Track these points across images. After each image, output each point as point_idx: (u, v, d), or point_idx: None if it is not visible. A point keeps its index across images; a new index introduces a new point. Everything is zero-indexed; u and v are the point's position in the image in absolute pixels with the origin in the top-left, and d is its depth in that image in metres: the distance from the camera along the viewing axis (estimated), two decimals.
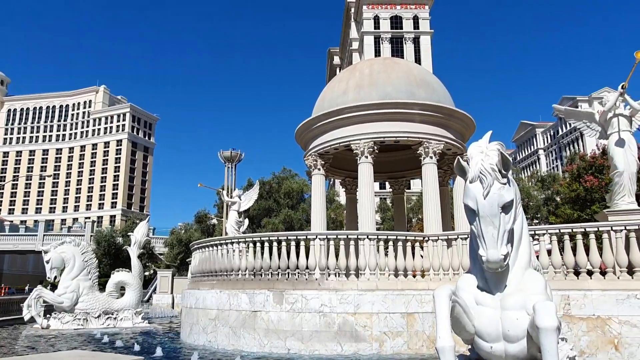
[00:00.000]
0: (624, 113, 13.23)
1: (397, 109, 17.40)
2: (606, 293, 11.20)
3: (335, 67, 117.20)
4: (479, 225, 5.58)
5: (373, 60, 22.29)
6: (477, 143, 5.94)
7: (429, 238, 14.05)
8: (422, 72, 19.92)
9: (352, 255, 13.69)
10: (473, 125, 18.99)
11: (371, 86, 18.13)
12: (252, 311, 13.66)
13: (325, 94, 19.92)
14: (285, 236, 14.33)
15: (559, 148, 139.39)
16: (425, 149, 17.58)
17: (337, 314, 12.97)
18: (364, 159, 17.70)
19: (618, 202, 13.22)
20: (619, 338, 10.98)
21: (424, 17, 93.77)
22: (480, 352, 6.00)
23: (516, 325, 5.53)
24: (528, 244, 6.08)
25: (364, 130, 17.73)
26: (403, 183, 24.72)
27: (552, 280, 11.77)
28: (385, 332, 12.87)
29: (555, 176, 48.20)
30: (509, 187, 5.60)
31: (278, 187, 52.36)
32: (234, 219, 24.50)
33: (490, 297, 5.87)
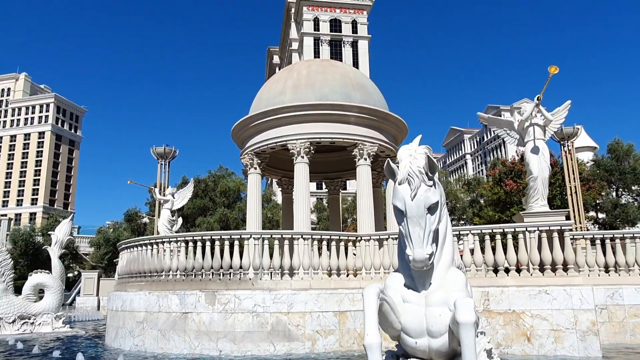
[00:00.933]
0: (539, 123, 14.34)
1: (333, 111, 17.67)
2: (521, 289, 12.08)
3: (275, 66, 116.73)
4: (407, 226, 5.77)
5: (311, 61, 22.48)
6: (406, 146, 6.15)
7: (362, 238, 14.38)
8: (358, 76, 20.36)
9: (286, 255, 13.72)
10: (406, 129, 19.69)
11: (308, 87, 18.27)
12: (182, 313, 13.27)
13: (263, 93, 19.79)
14: (219, 235, 14.07)
15: (484, 153, 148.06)
16: (360, 150, 17.99)
17: (270, 314, 12.93)
18: (300, 159, 17.79)
19: (532, 205, 14.30)
20: (531, 330, 11.87)
21: (362, 22, 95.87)
22: (406, 348, 6.18)
23: (439, 321, 5.72)
24: (451, 244, 6.36)
25: (300, 131, 17.82)
26: (338, 184, 25.10)
27: (474, 277, 12.49)
28: (318, 330, 13.01)
29: (480, 180, 51.18)
30: (434, 190, 5.83)
31: (214, 185, 51.25)
32: (167, 217, 23.72)
33: (416, 294, 6.05)
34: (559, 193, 31.77)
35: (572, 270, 12.20)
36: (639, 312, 13.15)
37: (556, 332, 11.72)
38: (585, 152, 44.92)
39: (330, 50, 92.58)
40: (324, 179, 25.00)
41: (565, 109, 15.02)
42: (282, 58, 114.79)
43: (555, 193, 31.74)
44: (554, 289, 11.87)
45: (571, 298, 11.75)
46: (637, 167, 36.28)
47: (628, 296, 13.22)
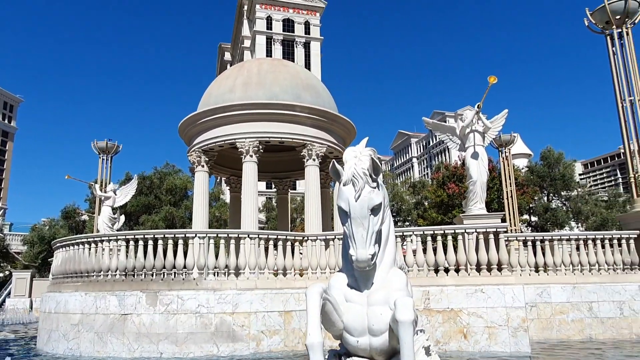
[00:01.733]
0: (479, 129, 15.06)
1: (283, 110, 17.66)
2: (459, 288, 12.61)
3: (226, 63, 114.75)
4: (350, 226, 5.84)
5: (262, 60, 22.34)
6: (352, 148, 6.24)
7: (308, 238, 14.47)
8: (308, 76, 20.48)
9: (232, 254, 13.56)
10: (354, 131, 20.02)
11: (259, 85, 18.16)
12: (121, 314, 12.79)
13: (212, 90, 19.45)
14: (162, 234, 13.68)
15: (429, 157, 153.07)
16: (309, 151, 18.10)
17: (214, 314, 12.73)
18: (248, 158, 17.65)
19: (471, 208, 14.98)
20: (467, 328, 12.43)
21: (315, 23, 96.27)
22: (348, 347, 6.26)
23: (380, 319, 5.81)
24: (394, 245, 6.51)
25: (249, 129, 17.68)
26: (287, 183, 25.10)
27: (416, 277, 12.92)
28: (263, 330, 12.96)
29: (425, 183, 52.85)
30: (378, 191, 5.93)
31: (160, 182, 49.63)
32: (107, 215, 22.85)
33: (359, 294, 6.14)
34: (496, 197, 33.46)
35: (505, 270, 12.89)
36: (565, 309, 14.09)
37: (490, 329, 12.34)
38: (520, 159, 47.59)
39: (283, 50, 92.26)
40: (273, 179, 24.93)
41: (503, 117, 15.88)
42: (234, 55, 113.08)
43: (493, 197, 33.40)
44: (489, 288, 12.49)
45: (504, 296, 12.41)
46: (566, 174, 38.89)
47: (555, 294, 14.14)
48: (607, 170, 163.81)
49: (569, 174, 39.61)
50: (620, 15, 15.60)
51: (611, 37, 16.00)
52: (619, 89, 15.61)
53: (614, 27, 15.78)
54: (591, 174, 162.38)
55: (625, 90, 15.56)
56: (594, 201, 40.08)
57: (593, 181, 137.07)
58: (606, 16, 15.75)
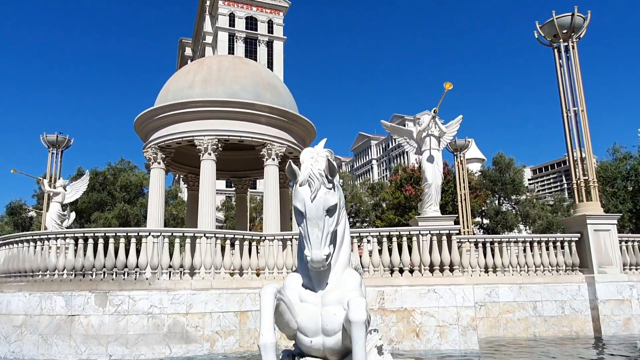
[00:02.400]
0: (434, 134, 15.51)
1: (243, 109, 17.53)
2: (412, 288, 12.92)
3: (187, 58, 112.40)
4: (306, 227, 5.87)
5: (223, 57, 22.10)
6: (309, 149, 6.28)
7: (266, 237, 14.41)
8: (270, 75, 20.42)
9: (187, 254, 13.31)
10: (314, 132, 20.12)
11: (219, 82, 17.94)
12: (68, 315, 12.28)
13: (170, 85, 19.04)
14: (113, 232, 13.25)
15: (389, 159, 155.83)
16: (269, 150, 18.04)
17: (167, 315, 12.45)
18: (207, 156, 17.39)
19: (426, 210, 15.40)
20: (420, 327, 12.75)
21: (278, 22, 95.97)
22: (301, 347, 6.28)
23: (333, 320, 5.86)
24: (349, 245, 6.59)
25: (208, 127, 17.44)
26: (246, 182, 24.91)
27: (371, 277, 13.13)
28: (218, 331, 12.80)
29: (383, 184, 53.83)
30: (334, 192, 5.98)
31: (114, 179, 48.01)
32: (56, 212, 21.92)
33: (313, 294, 6.17)
34: (451, 199, 34.52)
35: (457, 270, 13.32)
36: (511, 309, 14.72)
37: (441, 328, 12.71)
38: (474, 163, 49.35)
39: (245, 48, 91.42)
40: (232, 177, 24.67)
41: (458, 122, 16.42)
42: (195, 51, 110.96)
43: (448, 199, 34.44)
44: (441, 288, 12.87)
45: (455, 296, 12.82)
46: (516, 178, 40.65)
47: (503, 294, 14.74)
48: (553, 176, 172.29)
49: (519, 179, 41.41)
50: (567, 30, 16.47)
51: (558, 50, 16.85)
52: (565, 100, 16.47)
53: (561, 40, 16.64)
54: (539, 179, 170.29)
55: (570, 101, 16.44)
56: (540, 205, 42.09)
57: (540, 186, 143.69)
58: (554, 30, 16.58)
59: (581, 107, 16.26)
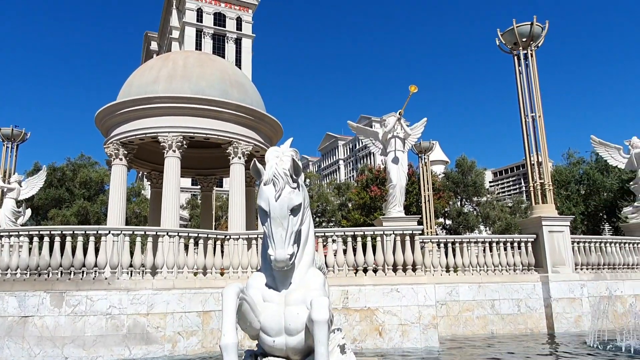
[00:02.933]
0: (400, 135, 15.77)
1: (209, 106, 17.31)
2: (376, 287, 13.11)
3: (153, 52, 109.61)
4: (270, 226, 5.87)
5: (189, 53, 21.71)
6: (274, 148, 6.28)
7: (231, 237, 14.29)
8: (237, 73, 20.23)
9: (149, 253, 13.03)
10: (281, 131, 20.08)
11: (184, 79, 17.64)
12: (21, 316, 11.80)
13: (134, 80, 18.57)
14: (71, 230, 12.81)
15: (355, 160, 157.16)
16: (235, 149, 17.88)
17: (127, 316, 12.15)
18: (171, 153, 17.08)
19: (391, 210, 15.64)
20: (383, 326, 12.95)
21: (247, 20, 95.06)
22: (264, 347, 6.26)
23: (296, 319, 5.87)
24: (313, 245, 6.62)
25: (173, 124, 17.13)
26: (212, 181, 24.61)
27: (336, 277, 13.22)
28: (180, 332, 12.59)
29: (350, 185, 54.28)
30: (298, 192, 6.00)
31: (73, 175, 46.32)
32: (10, 208, 21.07)
33: (277, 294, 6.16)
34: (415, 200, 35.17)
35: (419, 270, 13.61)
36: (471, 307, 15.15)
37: (403, 327, 12.95)
38: (438, 165, 50.53)
39: (213, 44, 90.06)
40: (197, 175, 24.32)
41: (422, 125, 16.76)
42: (161, 45, 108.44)
43: (412, 200, 35.08)
44: (404, 287, 13.11)
45: (417, 295, 13.09)
46: (478, 181, 41.85)
47: (463, 293, 15.16)
48: (513, 179, 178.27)
49: (480, 181, 42.65)
50: (526, 38, 17.08)
51: (518, 57, 17.44)
52: (523, 106, 17.08)
53: (521, 48, 17.24)
54: (499, 181, 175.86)
55: (528, 106, 17.05)
56: (500, 207, 43.49)
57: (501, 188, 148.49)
58: (514, 38, 17.17)
59: (538, 113, 16.91)
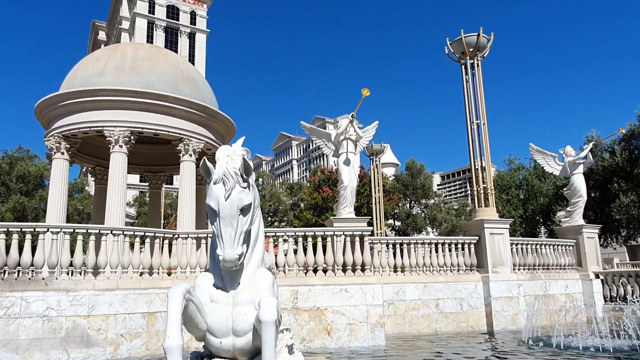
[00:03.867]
0: (352, 138, 15.99)
1: (160, 101, 16.83)
2: (325, 287, 13.22)
3: (100, 43, 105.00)
4: (219, 226, 5.80)
5: (139, 45, 20.97)
6: (225, 147, 6.22)
7: (179, 235, 13.96)
8: (189, 69, 19.78)
9: (91, 252, 12.49)
10: (234, 129, 19.85)
11: (133, 72, 17.05)
12: None
13: (78, 71, 17.74)
14: (5, 227, 12.05)
15: (309, 160, 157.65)
16: (186, 146, 17.49)
17: (66, 318, 11.59)
18: (117, 148, 16.46)
19: (341, 211, 15.83)
20: (331, 325, 13.08)
21: (201, 14, 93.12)
22: (211, 348, 6.16)
23: (244, 320, 5.82)
24: (263, 245, 6.60)
25: (120, 118, 16.51)
26: (161, 178, 23.95)
27: (286, 277, 13.23)
28: (123, 334, 12.15)
29: (302, 185, 54.43)
30: (248, 191, 5.96)
31: (10, 168, 43.51)
32: None
33: (224, 294, 6.09)
34: (366, 202, 35.78)
35: (368, 270, 13.86)
36: (416, 306, 15.62)
37: (352, 326, 13.15)
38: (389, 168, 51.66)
39: (166, 38, 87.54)
40: (146, 172, 23.56)
41: (374, 128, 17.11)
42: (110, 36, 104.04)
43: (363, 202, 35.67)
44: (353, 287, 13.31)
45: (365, 295, 13.33)
46: (426, 184, 43.19)
47: (409, 292, 15.60)
48: (459, 182, 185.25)
49: (429, 184, 44.02)
50: (473, 48, 17.87)
51: (465, 66, 18.21)
52: (469, 113, 17.84)
53: (468, 58, 18.02)
54: (447, 185, 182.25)
55: (474, 114, 17.85)
56: (447, 209, 45.08)
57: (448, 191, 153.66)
58: (462, 47, 17.91)
59: (483, 121, 17.71)
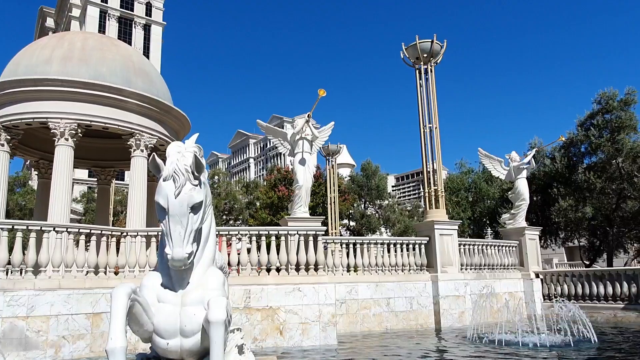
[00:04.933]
0: (307, 137, 16.06)
1: (110, 94, 16.22)
2: (278, 287, 13.20)
3: (48, 30, 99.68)
4: (168, 224, 5.67)
5: (89, 34, 20.09)
6: (176, 143, 6.09)
7: (128, 233, 13.52)
8: (143, 61, 19.19)
9: (31, 250, 11.86)
10: (188, 125, 19.44)
11: (82, 62, 16.34)
12: None
13: (23, 58, 16.81)
14: None
15: (266, 159, 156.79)
16: (137, 141, 16.96)
17: (2, 319, 10.96)
18: (63, 141, 15.73)
19: (296, 211, 15.88)
20: (284, 325, 13.08)
21: (157, 6, 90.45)
22: (158, 350, 6.01)
23: (193, 320, 5.72)
24: (214, 244, 6.50)
25: (67, 109, 15.79)
26: (111, 173, 23.11)
27: (239, 276, 13.10)
28: (65, 335, 11.63)
29: (258, 183, 54.04)
30: (199, 189, 5.86)
31: None
32: None
33: (173, 294, 5.95)
34: (321, 202, 36.00)
35: (321, 270, 13.97)
36: (368, 305, 15.88)
37: (304, 325, 13.19)
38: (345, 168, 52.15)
39: (119, 28, 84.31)
40: (94, 167, 22.69)
41: (330, 128, 17.27)
42: (59, 23, 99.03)
43: (319, 201, 35.87)
44: (306, 286, 13.36)
45: (318, 294, 13.41)
46: (380, 185, 43.93)
47: (362, 292, 15.83)
48: (413, 184, 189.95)
49: (383, 185, 44.78)
50: (427, 54, 18.38)
51: (419, 71, 18.71)
52: (422, 117, 18.34)
53: (422, 63, 18.53)
54: (401, 186, 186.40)
55: (427, 118, 18.37)
56: (400, 210, 46.07)
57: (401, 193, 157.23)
58: (417, 53, 18.39)
59: (435, 125, 18.26)
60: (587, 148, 27.54)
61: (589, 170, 26.55)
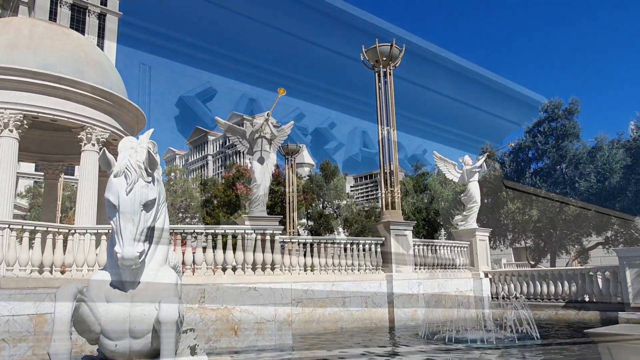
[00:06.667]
0: (266, 136, 15.99)
1: (60, 84, 15.48)
2: (234, 286, 13.05)
3: None
4: (119, 221, 5.51)
5: (37, 22, 19.07)
6: (129, 138, 5.92)
7: (76, 231, 12.97)
8: (95, 52, 18.46)
9: None
10: (144, 120, 18.88)
11: (30, 50, 15.52)
12: None
13: None
14: None
15: (225, 157, 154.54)
16: (88, 134, 16.30)
17: None
18: (7, 133, 14.89)
19: (254, 210, 15.77)
20: (239, 324, 12.94)
21: None
22: (105, 352, 5.82)
23: (143, 320, 5.57)
24: (167, 243, 6.36)
25: (12, 99, 14.95)
26: (59, 168, 22.09)
27: (194, 276, 12.86)
28: (5, 338, 11.03)
29: (215, 181, 53.17)
30: (153, 186, 5.72)
31: None
32: None
33: (122, 294, 5.79)
34: (280, 201, 35.88)
35: (278, 269, 13.94)
36: (324, 304, 15.98)
37: (259, 325, 13.11)
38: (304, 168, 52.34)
39: (72, 16, 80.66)
40: (41, 160, 21.62)
41: (289, 128, 17.27)
42: (5, 8, 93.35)
43: (277, 200, 35.73)
44: (262, 286, 13.29)
45: (274, 294, 13.37)
46: (339, 185, 44.39)
47: (318, 291, 15.90)
48: (371, 185, 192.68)
49: (341, 185, 45.22)
50: (386, 57, 18.75)
51: (379, 74, 19.07)
52: (380, 119, 18.69)
53: (381, 66, 18.89)
54: (359, 187, 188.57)
55: (385, 120, 18.72)
56: (357, 211, 46.65)
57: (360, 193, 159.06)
58: (376, 56, 18.73)
59: (393, 127, 18.63)
60: (534, 154, 28.98)
61: (536, 175, 27.90)
